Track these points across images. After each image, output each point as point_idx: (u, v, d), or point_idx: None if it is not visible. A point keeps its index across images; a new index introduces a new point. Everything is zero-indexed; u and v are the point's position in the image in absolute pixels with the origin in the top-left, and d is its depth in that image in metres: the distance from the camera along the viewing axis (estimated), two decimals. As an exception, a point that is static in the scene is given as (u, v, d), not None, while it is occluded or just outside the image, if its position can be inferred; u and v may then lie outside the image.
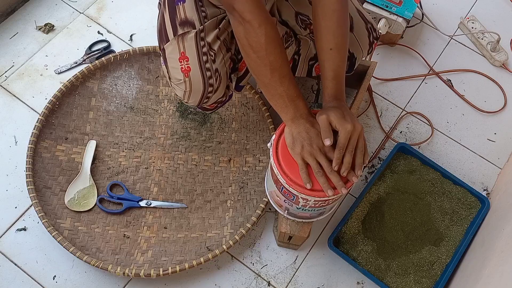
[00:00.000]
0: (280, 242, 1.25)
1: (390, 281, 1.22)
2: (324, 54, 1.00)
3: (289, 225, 1.15)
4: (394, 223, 1.27)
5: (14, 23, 1.55)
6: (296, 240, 1.20)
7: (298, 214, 1.11)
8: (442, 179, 1.35)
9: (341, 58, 1.00)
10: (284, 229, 1.15)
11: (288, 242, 1.22)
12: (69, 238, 1.21)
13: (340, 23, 0.99)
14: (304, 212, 1.08)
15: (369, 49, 1.23)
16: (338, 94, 0.99)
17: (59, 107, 1.36)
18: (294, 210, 1.08)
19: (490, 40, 1.62)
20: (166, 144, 1.38)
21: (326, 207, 1.08)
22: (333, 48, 0.99)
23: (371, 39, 1.21)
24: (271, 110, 1.45)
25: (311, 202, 1.00)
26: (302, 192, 0.97)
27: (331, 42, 0.99)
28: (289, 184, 0.97)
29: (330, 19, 0.99)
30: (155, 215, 1.29)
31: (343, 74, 1.01)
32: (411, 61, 1.61)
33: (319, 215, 1.12)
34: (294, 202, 1.03)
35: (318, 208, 1.06)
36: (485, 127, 1.51)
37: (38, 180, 1.26)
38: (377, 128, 1.48)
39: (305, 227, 1.15)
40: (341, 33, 0.99)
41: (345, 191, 0.95)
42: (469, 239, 1.27)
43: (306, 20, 1.14)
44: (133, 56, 1.44)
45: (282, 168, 0.98)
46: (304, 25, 1.15)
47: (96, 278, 1.22)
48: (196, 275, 1.24)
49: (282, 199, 1.06)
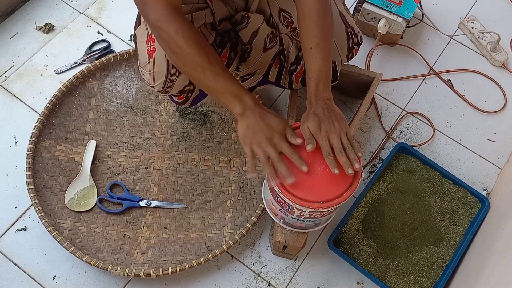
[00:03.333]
0: (275, 251, 1.24)
1: (390, 281, 1.22)
2: (306, 54, 1.01)
3: (285, 234, 1.14)
4: (394, 223, 1.27)
5: (14, 23, 1.55)
6: (291, 250, 1.19)
7: (293, 224, 1.09)
8: (442, 179, 1.35)
9: (322, 57, 0.99)
10: (279, 238, 1.14)
11: (283, 251, 1.21)
12: (69, 238, 1.21)
13: (320, 22, 0.99)
14: (300, 223, 1.07)
15: (349, 55, 1.21)
16: (320, 93, 0.99)
17: (59, 107, 1.36)
18: (290, 219, 1.07)
19: (490, 40, 1.62)
20: (166, 144, 1.38)
21: (321, 219, 1.06)
22: (313, 47, 0.99)
23: (351, 43, 1.19)
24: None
25: (306, 213, 0.99)
26: (297, 202, 0.95)
27: (311, 41, 0.99)
28: (284, 194, 0.95)
29: (310, 19, 0.99)
30: (155, 215, 1.29)
31: (325, 72, 1.00)
32: (411, 61, 1.61)
33: (314, 226, 1.11)
34: (289, 212, 1.02)
35: (313, 219, 1.05)
36: (485, 127, 1.51)
37: (38, 180, 1.26)
38: (377, 128, 1.48)
39: (300, 237, 1.14)
40: (320, 32, 0.99)
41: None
42: (469, 239, 1.26)
43: (288, 17, 1.13)
44: (133, 56, 1.44)
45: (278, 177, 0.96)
46: (286, 23, 1.14)
47: (96, 278, 1.22)
48: (196, 275, 1.24)
49: (278, 208, 1.05)
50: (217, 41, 1.16)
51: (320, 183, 0.96)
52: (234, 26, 1.16)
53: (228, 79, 0.95)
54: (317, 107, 0.97)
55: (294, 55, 1.22)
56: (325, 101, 0.98)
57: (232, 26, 1.16)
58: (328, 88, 1.01)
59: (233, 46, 1.20)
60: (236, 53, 1.21)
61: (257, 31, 1.15)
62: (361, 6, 1.54)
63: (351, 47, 1.20)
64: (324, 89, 1.00)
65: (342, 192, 0.96)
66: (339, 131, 0.95)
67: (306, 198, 0.95)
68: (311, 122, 0.95)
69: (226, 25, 1.15)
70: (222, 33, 1.17)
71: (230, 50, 1.20)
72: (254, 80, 1.27)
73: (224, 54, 1.18)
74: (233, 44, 1.20)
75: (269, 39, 1.17)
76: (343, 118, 0.98)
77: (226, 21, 1.15)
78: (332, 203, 0.95)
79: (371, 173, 1.40)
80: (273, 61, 1.23)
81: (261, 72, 1.25)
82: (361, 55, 1.58)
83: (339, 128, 0.96)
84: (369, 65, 1.54)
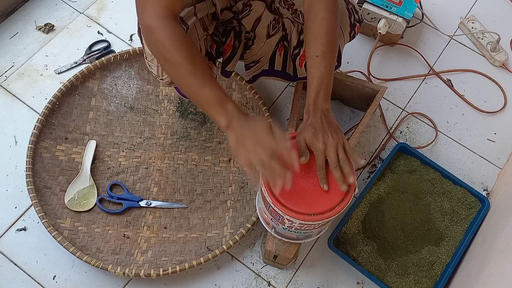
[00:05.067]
0: (266, 260, 1.23)
1: (390, 281, 1.22)
2: (310, 61, 1.01)
3: (275, 243, 1.14)
4: (394, 223, 1.27)
5: (14, 23, 1.55)
6: (281, 260, 1.18)
7: (284, 234, 1.09)
8: (442, 179, 1.35)
9: (326, 66, 1.00)
10: (270, 247, 1.14)
11: (274, 260, 1.20)
12: (69, 238, 1.21)
13: (329, 31, 1.00)
14: (290, 233, 1.06)
15: (351, 32, 1.20)
16: (318, 103, 0.99)
17: (59, 107, 1.36)
18: (281, 229, 1.06)
19: (490, 40, 1.62)
20: (166, 144, 1.38)
21: (312, 231, 1.06)
22: (319, 56, 0.99)
23: (352, 20, 1.18)
24: (271, 110, 1.46)
25: (297, 224, 0.98)
26: (287, 213, 0.95)
27: (318, 49, 1.00)
28: (275, 204, 0.95)
29: (319, 27, 0.99)
30: (155, 215, 1.29)
31: (327, 82, 1.00)
32: (411, 61, 1.61)
33: (306, 237, 1.10)
34: (280, 222, 1.01)
35: (304, 231, 1.04)
36: (485, 127, 1.51)
37: (38, 180, 1.26)
38: (377, 128, 1.48)
39: (291, 248, 1.14)
40: (328, 42, 1.00)
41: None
42: (469, 239, 1.26)
43: (289, 0, 1.13)
44: (133, 56, 1.44)
45: (269, 187, 0.96)
46: (287, 6, 1.14)
47: (96, 278, 1.22)
48: (196, 275, 1.24)
49: (269, 217, 1.05)
50: (221, 30, 1.16)
51: (313, 195, 0.96)
52: (236, 15, 1.16)
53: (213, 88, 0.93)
54: (315, 117, 0.97)
55: (296, 38, 1.22)
56: (323, 112, 0.98)
57: (234, 15, 1.16)
58: (328, 99, 1.01)
59: (236, 35, 1.20)
60: (240, 41, 1.21)
61: (260, 18, 1.15)
62: (361, 6, 1.54)
63: (353, 23, 1.19)
64: (323, 99, 1.00)
65: (333, 206, 0.96)
66: (336, 143, 0.95)
67: (297, 209, 0.94)
68: (308, 133, 0.95)
69: (228, 14, 1.15)
70: (225, 22, 1.17)
71: (234, 39, 1.19)
72: (258, 68, 1.27)
73: (228, 43, 1.18)
74: (236, 32, 1.20)
75: (272, 25, 1.17)
76: (340, 130, 0.98)
77: (228, 10, 1.15)
78: (322, 216, 0.95)
79: (371, 173, 1.40)
80: (276, 47, 1.23)
81: (265, 59, 1.25)
82: (361, 55, 1.58)
83: (337, 139, 0.95)
84: (369, 65, 1.54)
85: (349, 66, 1.56)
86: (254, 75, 1.29)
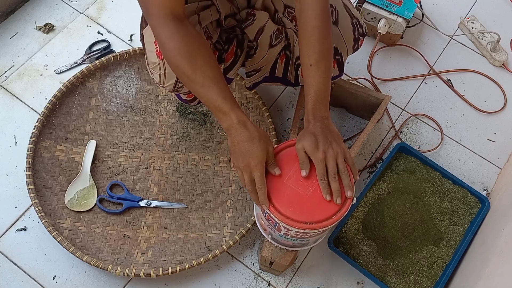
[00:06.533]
0: (262, 265, 1.23)
1: (390, 281, 1.22)
2: (305, 71, 1.00)
3: (272, 250, 1.13)
4: (394, 223, 1.27)
5: (14, 23, 1.55)
6: (277, 266, 1.18)
7: (281, 241, 1.08)
8: (442, 179, 1.35)
9: (321, 75, 0.99)
10: (266, 254, 1.13)
11: (270, 266, 1.19)
12: (69, 238, 1.21)
13: (321, 39, 0.99)
14: (287, 241, 1.05)
15: (355, 45, 1.21)
16: (317, 112, 0.98)
17: (59, 107, 1.36)
18: (277, 236, 1.05)
19: (490, 40, 1.62)
20: (166, 144, 1.38)
21: (309, 239, 1.05)
22: (313, 64, 0.99)
23: (356, 34, 1.19)
24: (271, 110, 1.46)
25: (293, 232, 0.97)
26: (283, 221, 0.94)
27: (311, 58, 0.99)
28: (272, 211, 0.94)
29: (310, 35, 0.99)
30: (155, 215, 1.29)
31: (324, 90, 0.99)
32: (411, 61, 1.61)
33: (302, 245, 1.10)
34: (276, 228, 1.00)
35: (300, 239, 1.03)
36: (485, 127, 1.51)
37: (38, 180, 1.26)
38: (378, 128, 1.48)
39: (288, 255, 1.13)
40: (321, 50, 0.99)
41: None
42: (469, 239, 1.26)
43: (293, 12, 1.13)
44: (133, 56, 1.44)
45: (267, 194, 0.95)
46: (291, 17, 1.14)
47: (96, 278, 1.22)
48: (196, 275, 1.24)
49: (266, 223, 1.05)
50: (224, 38, 1.16)
51: (310, 203, 0.95)
52: (240, 23, 1.16)
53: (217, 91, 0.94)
54: (315, 125, 0.96)
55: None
56: (322, 120, 0.97)
57: (237, 23, 1.16)
58: (326, 107, 1.00)
59: (239, 43, 1.20)
60: (243, 49, 1.21)
61: (263, 28, 1.14)
62: (361, 6, 1.54)
63: (357, 37, 1.19)
64: (322, 107, 0.99)
65: (330, 215, 0.95)
66: (336, 152, 0.94)
67: (293, 217, 0.94)
68: (308, 142, 0.94)
69: (231, 21, 1.15)
70: (228, 30, 1.18)
71: (237, 47, 1.20)
72: (259, 76, 1.27)
73: (231, 51, 1.18)
74: (239, 40, 1.20)
75: (275, 36, 1.17)
76: (340, 139, 0.98)
77: (231, 18, 1.15)
78: (319, 225, 0.94)
79: (371, 173, 1.40)
80: (278, 55, 1.23)
81: (266, 68, 1.26)
82: (361, 55, 1.58)
83: (337, 148, 0.95)
84: (369, 66, 1.54)
85: (350, 67, 1.56)
86: (255, 82, 1.30)
